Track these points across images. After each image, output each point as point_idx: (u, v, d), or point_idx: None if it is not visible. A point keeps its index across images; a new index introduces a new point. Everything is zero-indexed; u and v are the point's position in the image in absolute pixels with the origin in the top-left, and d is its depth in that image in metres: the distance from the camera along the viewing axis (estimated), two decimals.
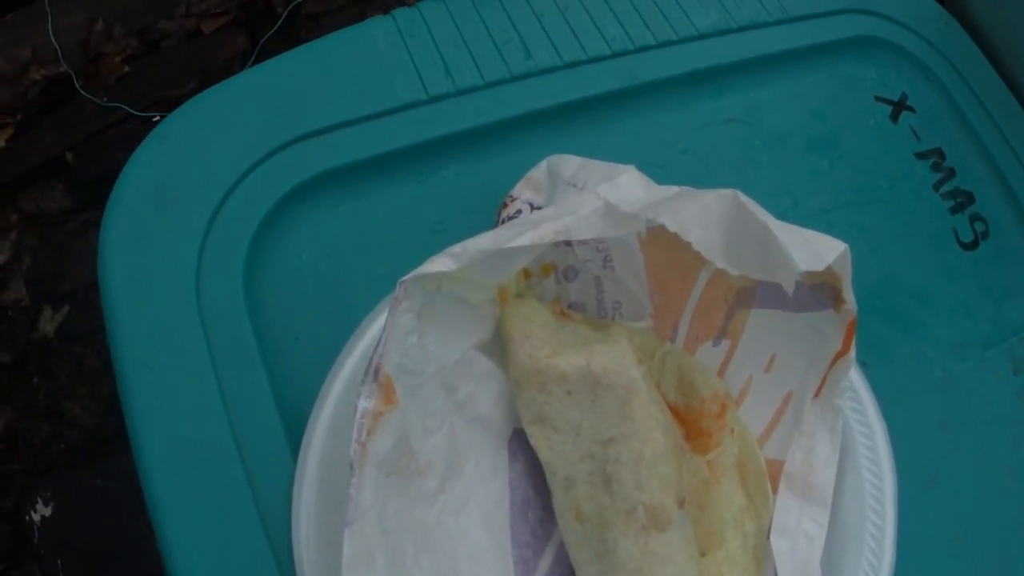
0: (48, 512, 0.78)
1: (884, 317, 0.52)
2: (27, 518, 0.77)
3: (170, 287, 0.44)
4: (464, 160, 0.50)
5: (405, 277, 0.36)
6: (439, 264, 0.36)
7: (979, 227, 0.57)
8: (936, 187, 0.57)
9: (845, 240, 0.53)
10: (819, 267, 0.35)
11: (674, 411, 0.44)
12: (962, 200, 0.57)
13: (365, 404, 0.35)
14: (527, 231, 0.37)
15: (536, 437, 0.40)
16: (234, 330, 0.43)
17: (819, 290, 0.41)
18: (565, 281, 0.44)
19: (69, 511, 0.75)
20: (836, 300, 0.40)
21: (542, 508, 0.42)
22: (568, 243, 0.43)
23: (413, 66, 0.51)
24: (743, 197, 0.36)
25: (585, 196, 0.38)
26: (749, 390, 0.44)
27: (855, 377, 0.46)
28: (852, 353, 0.40)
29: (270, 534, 0.40)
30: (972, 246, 0.56)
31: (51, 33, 1.01)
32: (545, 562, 0.41)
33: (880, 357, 0.51)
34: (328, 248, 0.47)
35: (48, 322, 0.82)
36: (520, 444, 0.42)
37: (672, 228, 0.36)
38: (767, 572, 0.42)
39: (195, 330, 0.43)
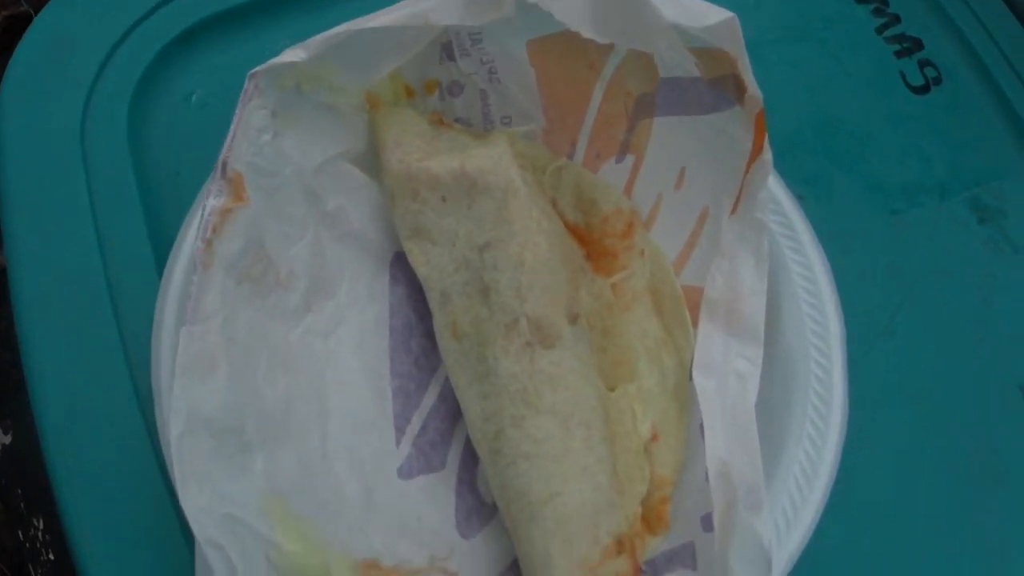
0: (8, 440, 0.76)
1: (821, 153, 0.49)
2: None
3: (57, 131, 0.44)
4: None
5: (255, 69, 0.33)
6: (290, 54, 0.33)
7: (930, 72, 0.52)
8: (879, 31, 0.53)
9: (774, 76, 0.50)
10: (696, 25, 0.32)
11: (574, 231, 0.40)
12: (909, 45, 0.53)
13: (213, 203, 0.32)
14: (381, 15, 0.34)
15: (413, 253, 0.37)
16: (114, 167, 0.43)
17: (721, 85, 0.36)
18: (450, 97, 0.40)
19: (28, 438, 0.72)
20: (739, 92, 0.36)
21: (426, 337, 0.38)
22: (451, 57, 0.39)
23: None
24: None
25: None
26: (660, 210, 0.40)
27: (786, 205, 0.41)
28: (767, 154, 0.35)
29: (131, 366, 0.39)
30: (923, 90, 0.52)
31: None
32: (430, 396, 0.37)
33: (818, 193, 0.47)
34: (217, 89, 0.47)
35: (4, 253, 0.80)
36: (402, 268, 0.38)
37: None
38: (692, 414, 0.37)
39: (77, 168, 0.43)
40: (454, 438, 0.37)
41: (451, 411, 0.37)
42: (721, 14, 0.32)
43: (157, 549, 0.36)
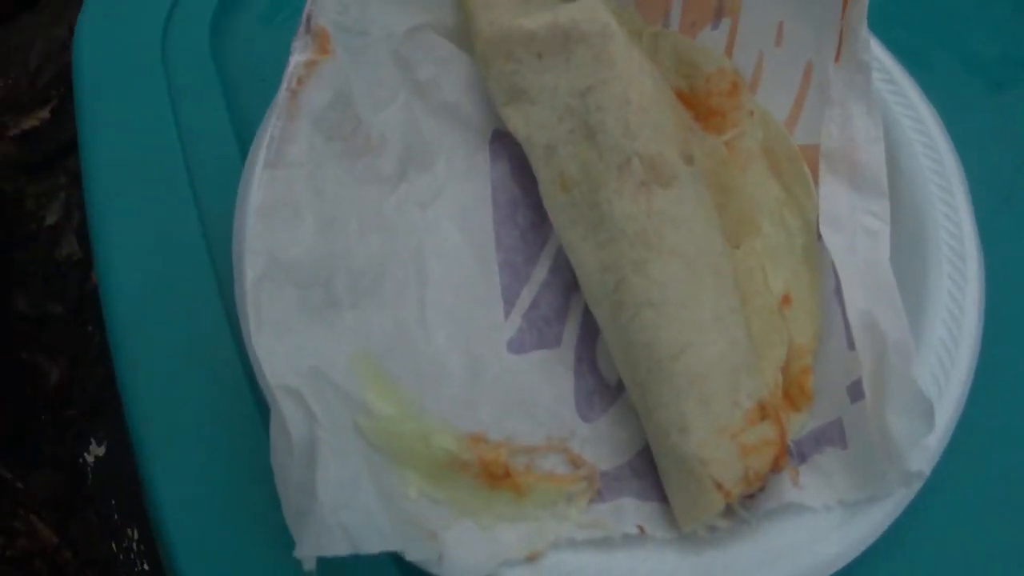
0: (101, 452, 0.77)
1: (912, 28, 0.46)
2: (80, 460, 0.76)
3: (136, 47, 0.44)
4: None
5: None
6: None
7: None
8: None
9: None
10: None
11: (680, 95, 0.38)
12: None
13: (298, 58, 0.31)
14: None
15: (512, 118, 0.35)
16: (198, 80, 0.42)
17: None
18: None
19: (122, 450, 0.73)
20: None
21: (534, 210, 0.36)
22: None
23: None
24: None
25: None
26: (763, 71, 0.38)
27: (888, 63, 0.40)
28: None
29: (213, 256, 0.37)
30: None
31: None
32: (541, 270, 0.35)
33: (916, 69, 0.44)
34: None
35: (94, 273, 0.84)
36: (504, 145, 0.37)
37: None
38: (825, 277, 0.34)
39: (158, 80, 0.42)
40: (569, 313, 0.35)
41: (565, 285, 0.35)
42: None
43: (255, 561, 0.32)
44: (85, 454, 0.77)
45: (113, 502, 0.75)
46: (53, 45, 1.00)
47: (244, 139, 0.40)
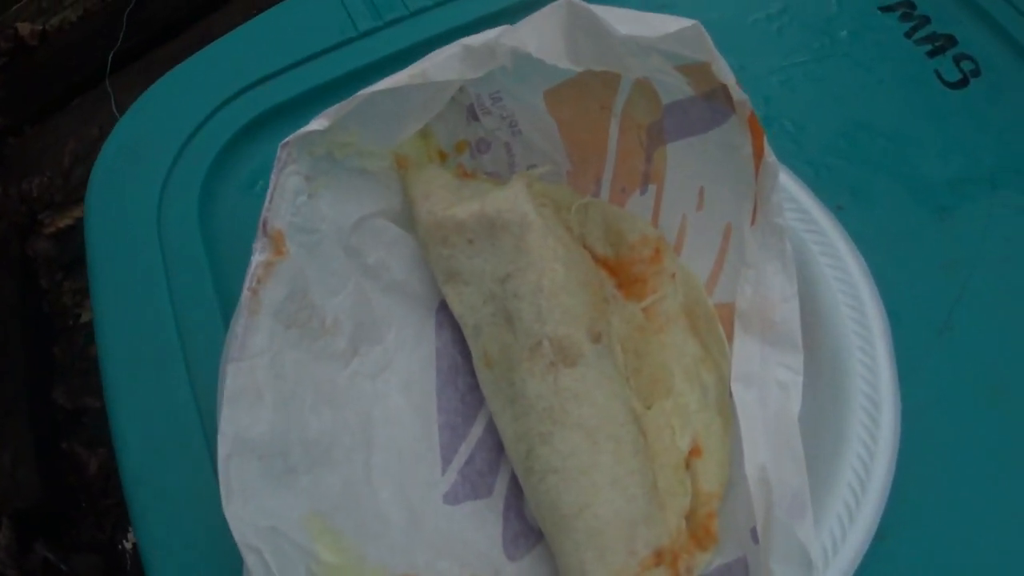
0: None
1: (860, 161, 0.48)
2: (119, 547, 0.81)
3: (136, 217, 0.49)
4: None
5: (286, 139, 0.37)
6: (315, 124, 0.37)
7: (967, 66, 0.52)
8: (909, 34, 0.53)
9: (802, 93, 0.51)
10: (650, 34, 0.34)
11: (604, 263, 0.42)
12: (942, 43, 0.53)
13: (257, 258, 0.36)
14: (388, 79, 0.37)
15: (449, 295, 0.40)
16: (188, 245, 0.48)
17: (713, 98, 0.38)
18: (479, 154, 0.44)
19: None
20: (730, 100, 0.37)
21: (473, 375, 0.40)
22: (475, 117, 0.43)
23: (345, 11, 0.54)
24: (575, 0, 0.35)
25: (448, 46, 0.39)
26: (686, 233, 0.42)
27: (816, 213, 0.42)
28: (770, 156, 0.36)
29: (202, 413, 0.43)
30: (961, 85, 0.51)
31: (115, 110, 1.12)
32: (477, 428, 0.40)
33: (861, 200, 0.47)
34: None
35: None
36: (447, 314, 0.42)
37: (512, 44, 0.36)
38: (736, 428, 0.37)
39: (154, 249, 0.48)
40: (501, 467, 0.39)
41: (498, 442, 0.39)
42: (681, 22, 0.34)
43: None
44: (124, 541, 0.82)
45: None
46: (84, 145, 1.07)
47: (227, 309, 0.45)
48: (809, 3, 0.55)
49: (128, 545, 0.82)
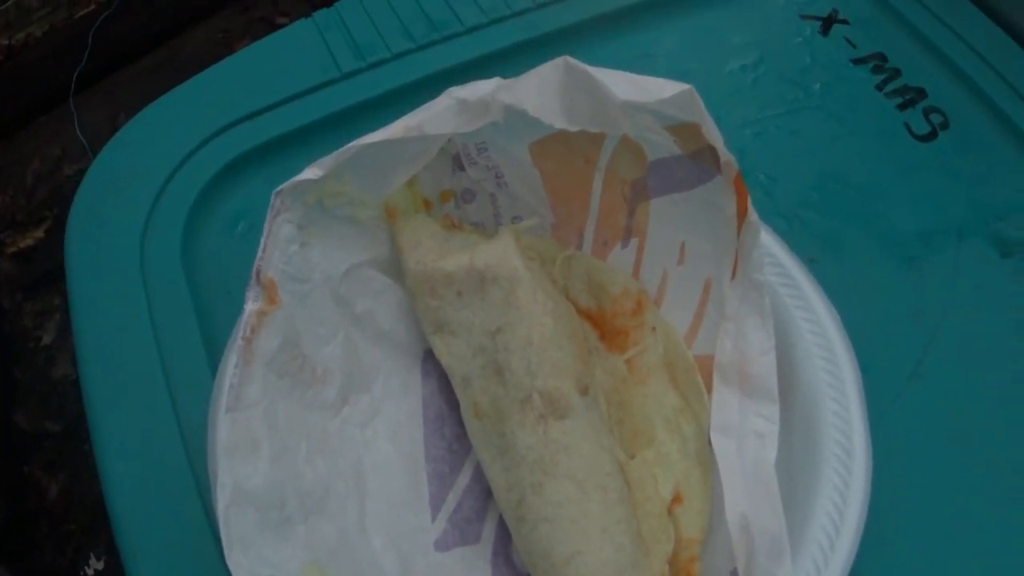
0: (100, 566, 0.82)
1: (831, 214, 0.50)
2: (81, 572, 0.80)
3: (118, 254, 0.50)
4: (379, 122, 0.52)
5: (279, 187, 0.37)
6: (309, 172, 0.37)
7: (936, 119, 0.54)
8: (879, 87, 0.55)
9: (776, 146, 0.52)
10: (646, 99, 0.34)
11: (587, 315, 0.43)
12: (912, 96, 0.55)
13: (251, 307, 0.36)
14: (383, 130, 0.38)
15: (437, 346, 0.40)
16: (171, 285, 0.48)
17: (700, 158, 0.39)
18: (464, 204, 0.44)
19: (120, 568, 0.77)
20: (717, 161, 0.38)
21: (459, 424, 0.41)
22: (461, 167, 0.43)
23: (328, 51, 0.54)
24: (573, 60, 0.36)
25: (441, 97, 0.39)
26: (667, 287, 0.43)
27: (790, 266, 0.43)
28: (753, 215, 0.37)
29: (191, 457, 0.43)
30: (929, 137, 0.53)
31: (78, 130, 1.11)
32: (464, 477, 0.41)
33: (832, 252, 0.49)
34: (260, 216, 0.50)
35: None
36: (434, 363, 0.42)
37: (508, 101, 0.36)
38: (716, 476, 0.38)
39: (137, 287, 0.48)
40: (488, 514, 0.40)
41: (485, 490, 0.40)
42: (677, 87, 0.34)
43: None
44: (85, 567, 0.81)
45: None
46: (47, 164, 1.05)
47: (211, 347, 0.46)
48: (784, 55, 0.57)
49: (90, 572, 0.81)
